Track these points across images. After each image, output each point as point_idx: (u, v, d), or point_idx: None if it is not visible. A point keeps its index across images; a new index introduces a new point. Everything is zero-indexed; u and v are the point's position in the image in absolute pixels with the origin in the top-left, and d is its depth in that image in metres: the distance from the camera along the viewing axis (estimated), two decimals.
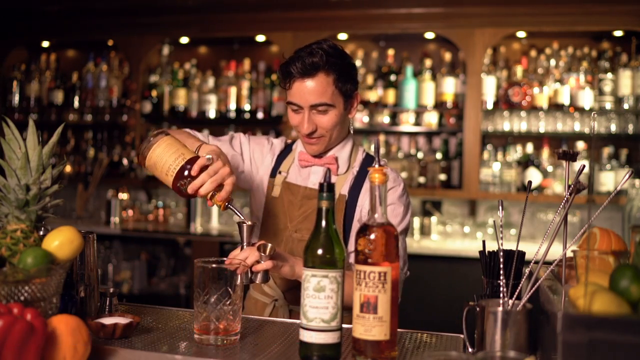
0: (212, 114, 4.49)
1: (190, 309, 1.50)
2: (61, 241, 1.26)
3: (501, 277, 1.26)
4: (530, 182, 1.48)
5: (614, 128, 3.95)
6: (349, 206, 1.77)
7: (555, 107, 3.99)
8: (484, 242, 1.40)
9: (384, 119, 4.30)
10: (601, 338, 0.96)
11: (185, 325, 1.49)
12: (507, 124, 4.10)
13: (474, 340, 1.24)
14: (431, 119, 4.23)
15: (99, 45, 4.86)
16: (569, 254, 1.25)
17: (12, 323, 1.02)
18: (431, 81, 4.16)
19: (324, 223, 1.23)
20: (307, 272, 1.22)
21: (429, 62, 4.21)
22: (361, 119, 4.31)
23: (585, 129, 3.99)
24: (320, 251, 1.21)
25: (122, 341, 1.33)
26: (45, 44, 4.94)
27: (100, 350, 1.27)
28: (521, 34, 4.14)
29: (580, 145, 4.01)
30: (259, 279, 1.50)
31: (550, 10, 3.91)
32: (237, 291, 1.34)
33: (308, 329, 1.21)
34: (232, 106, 4.46)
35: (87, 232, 1.46)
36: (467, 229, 4.15)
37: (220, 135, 1.94)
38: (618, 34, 3.98)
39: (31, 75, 4.88)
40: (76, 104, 4.79)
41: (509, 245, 1.45)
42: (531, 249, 1.35)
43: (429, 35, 4.25)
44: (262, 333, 1.46)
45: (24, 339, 1.03)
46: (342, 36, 4.35)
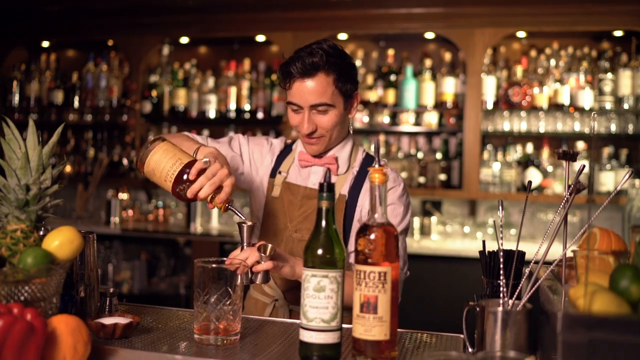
0: (212, 114, 4.49)
1: (190, 309, 1.50)
2: (61, 241, 1.26)
3: (501, 277, 1.26)
4: (530, 182, 1.48)
5: (614, 128, 3.95)
6: (349, 206, 1.77)
7: (555, 107, 3.99)
8: (484, 242, 1.40)
9: (384, 119, 4.30)
10: (601, 338, 0.96)
11: (185, 325, 1.49)
12: (507, 124, 4.10)
13: (474, 340, 1.24)
14: (431, 119, 4.23)
15: (99, 45, 4.86)
16: (569, 254, 1.25)
17: (12, 323, 1.02)
18: (431, 81, 4.16)
19: (324, 223, 1.23)
20: (307, 272, 1.22)
21: (429, 62, 4.21)
22: (361, 119, 4.31)
23: (585, 129, 3.99)
24: (320, 251, 1.21)
25: (122, 341, 1.33)
26: (45, 44, 4.93)
27: (100, 350, 1.27)
28: (521, 34, 4.13)
29: (580, 145, 4.01)
30: (259, 279, 1.50)
31: (550, 10, 3.90)
32: (237, 291, 1.34)
33: (308, 329, 1.21)
34: (232, 106, 4.46)
35: (87, 232, 1.46)
36: (467, 229, 4.15)
37: (220, 136, 1.94)
38: (618, 34, 3.98)
39: (31, 75, 4.88)
40: (76, 104, 4.78)
41: (509, 245, 1.45)
42: (531, 249, 1.35)
43: (429, 35, 4.25)
44: (262, 333, 1.46)
45: (24, 339, 1.03)
46: (342, 36, 4.34)
